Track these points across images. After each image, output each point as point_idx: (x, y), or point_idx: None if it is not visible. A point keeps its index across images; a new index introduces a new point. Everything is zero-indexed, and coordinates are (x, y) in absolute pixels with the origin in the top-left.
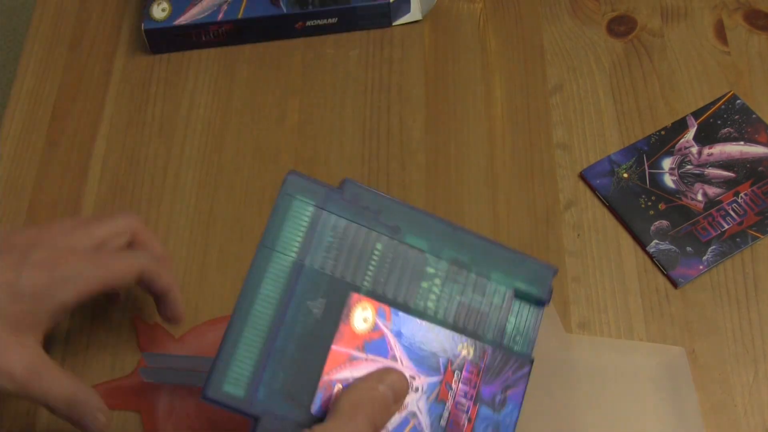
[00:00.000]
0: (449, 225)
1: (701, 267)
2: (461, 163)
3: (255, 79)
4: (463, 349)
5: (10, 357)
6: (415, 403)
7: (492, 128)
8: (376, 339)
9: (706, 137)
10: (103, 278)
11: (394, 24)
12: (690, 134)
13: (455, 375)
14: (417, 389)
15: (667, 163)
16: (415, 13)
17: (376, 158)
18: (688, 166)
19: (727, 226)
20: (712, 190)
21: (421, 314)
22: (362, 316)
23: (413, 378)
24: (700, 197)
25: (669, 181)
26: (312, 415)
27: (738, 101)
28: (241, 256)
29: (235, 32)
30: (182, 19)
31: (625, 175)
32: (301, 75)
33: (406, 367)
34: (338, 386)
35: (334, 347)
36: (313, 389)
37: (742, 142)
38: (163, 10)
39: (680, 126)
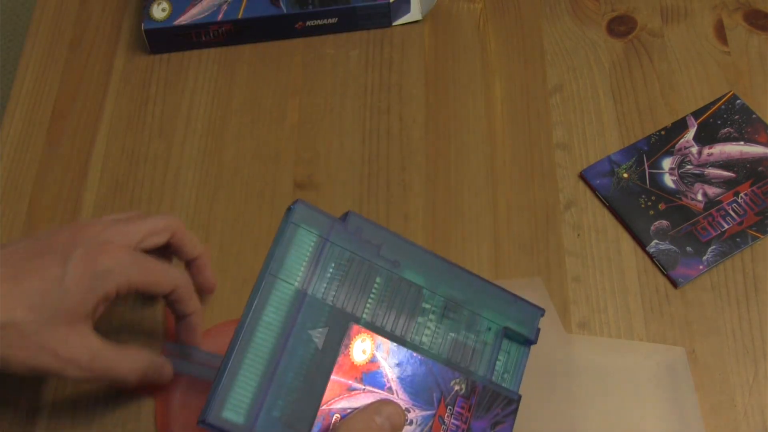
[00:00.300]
0: (446, 262)
1: (701, 267)
2: (461, 163)
3: (255, 79)
4: (456, 384)
5: (73, 347)
6: None
7: (492, 128)
8: (373, 371)
9: (706, 137)
10: (141, 278)
11: (394, 24)
12: (690, 134)
13: (448, 410)
14: (411, 422)
15: (667, 163)
16: (415, 13)
17: (376, 158)
18: (688, 166)
19: (727, 226)
20: (712, 190)
21: (417, 348)
22: (361, 347)
23: (408, 410)
24: (700, 197)
25: (669, 181)
26: None
27: (738, 101)
28: (241, 256)
29: (235, 32)
30: (182, 19)
31: (625, 175)
32: (301, 75)
33: (401, 399)
34: (336, 416)
35: (333, 377)
36: (311, 418)
37: (742, 142)
38: (163, 10)
39: (680, 126)
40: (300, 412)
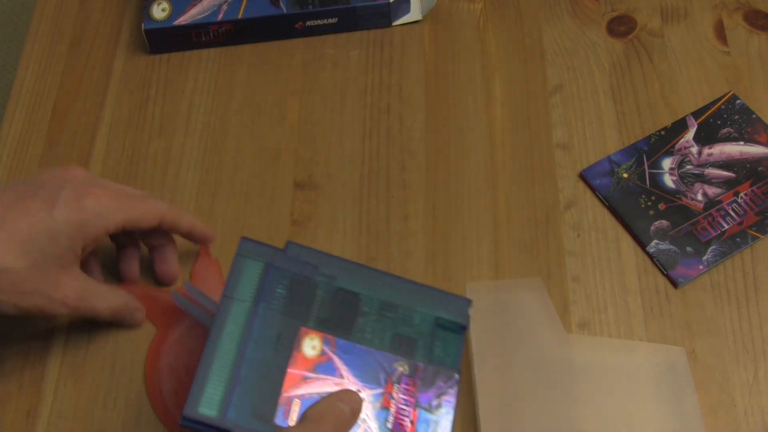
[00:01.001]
0: (377, 271)
1: (701, 267)
2: (461, 163)
3: (255, 79)
4: (400, 366)
5: (63, 288)
6: (364, 410)
7: (492, 128)
8: (324, 362)
9: (706, 137)
10: (128, 217)
11: (394, 24)
12: (690, 134)
13: (395, 387)
14: (363, 399)
15: (667, 163)
16: (415, 13)
17: (376, 158)
18: (688, 166)
19: (727, 226)
20: (712, 190)
21: (360, 342)
22: (311, 344)
23: (359, 391)
24: (700, 197)
25: (669, 181)
26: (276, 425)
27: (738, 101)
28: None
29: (235, 32)
30: (182, 19)
31: (625, 175)
32: (301, 75)
33: (352, 382)
34: (296, 401)
35: (289, 370)
36: (274, 405)
37: (742, 142)
38: (163, 10)
39: (680, 126)
40: (263, 401)
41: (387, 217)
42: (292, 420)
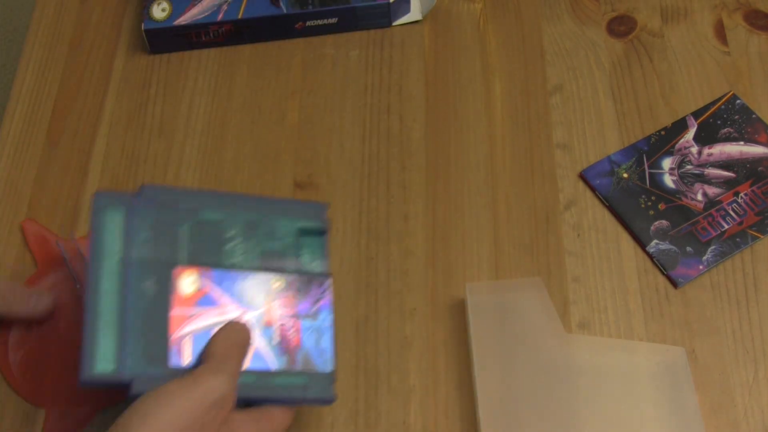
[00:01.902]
0: (233, 195)
1: (701, 267)
2: (461, 163)
3: (255, 79)
4: (274, 283)
5: None
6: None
7: (492, 128)
8: (204, 296)
9: (706, 137)
10: None
11: (393, 24)
12: (690, 134)
13: (274, 304)
14: (248, 322)
15: (667, 163)
16: (415, 13)
17: (376, 158)
18: (688, 166)
19: (727, 226)
20: (712, 190)
21: (234, 267)
22: (188, 281)
23: (243, 313)
24: (700, 197)
25: (669, 181)
26: (172, 368)
27: (738, 101)
28: None
29: (235, 32)
30: (182, 19)
31: (625, 175)
32: (301, 75)
33: (233, 309)
34: (187, 339)
35: (172, 312)
36: (166, 348)
37: (742, 142)
38: (163, 10)
39: (680, 126)
40: (155, 347)
41: (387, 217)
42: (187, 357)
